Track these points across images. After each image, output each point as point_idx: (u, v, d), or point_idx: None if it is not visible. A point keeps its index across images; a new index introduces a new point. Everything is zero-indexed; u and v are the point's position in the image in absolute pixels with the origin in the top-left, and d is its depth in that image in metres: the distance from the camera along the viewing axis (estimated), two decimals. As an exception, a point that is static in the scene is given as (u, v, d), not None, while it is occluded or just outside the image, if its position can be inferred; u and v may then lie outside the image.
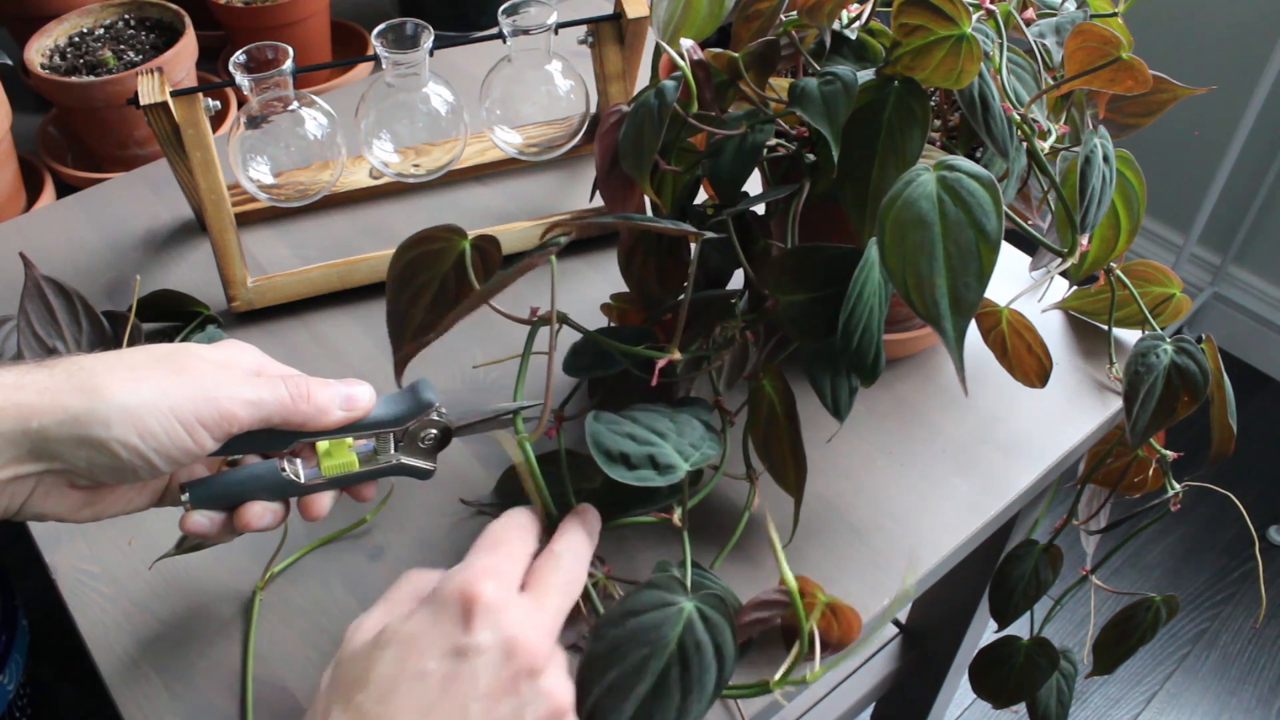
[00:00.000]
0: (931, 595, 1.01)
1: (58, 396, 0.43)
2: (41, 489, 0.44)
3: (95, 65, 1.01)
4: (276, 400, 0.47)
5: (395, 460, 0.52)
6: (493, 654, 0.40)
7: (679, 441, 0.52)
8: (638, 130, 0.57)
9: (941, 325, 0.47)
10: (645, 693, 0.45)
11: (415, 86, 0.76)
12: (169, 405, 0.44)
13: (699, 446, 0.52)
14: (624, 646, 0.45)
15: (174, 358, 0.46)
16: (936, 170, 0.48)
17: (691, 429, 0.53)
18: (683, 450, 0.51)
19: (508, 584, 0.43)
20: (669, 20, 0.62)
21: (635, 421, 0.52)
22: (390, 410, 0.52)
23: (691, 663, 0.45)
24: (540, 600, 0.44)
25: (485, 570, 0.43)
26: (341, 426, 0.50)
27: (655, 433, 0.52)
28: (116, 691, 0.56)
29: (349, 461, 0.51)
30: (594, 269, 0.80)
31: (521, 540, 0.46)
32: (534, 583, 0.44)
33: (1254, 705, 1.46)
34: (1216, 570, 1.61)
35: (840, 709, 1.05)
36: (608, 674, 0.45)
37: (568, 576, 0.45)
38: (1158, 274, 0.70)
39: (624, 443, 0.50)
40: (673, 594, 0.47)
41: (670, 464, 0.50)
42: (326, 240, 0.83)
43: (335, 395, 0.49)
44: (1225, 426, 0.66)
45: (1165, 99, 0.65)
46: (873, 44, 0.59)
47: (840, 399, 0.55)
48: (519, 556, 0.45)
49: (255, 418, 0.46)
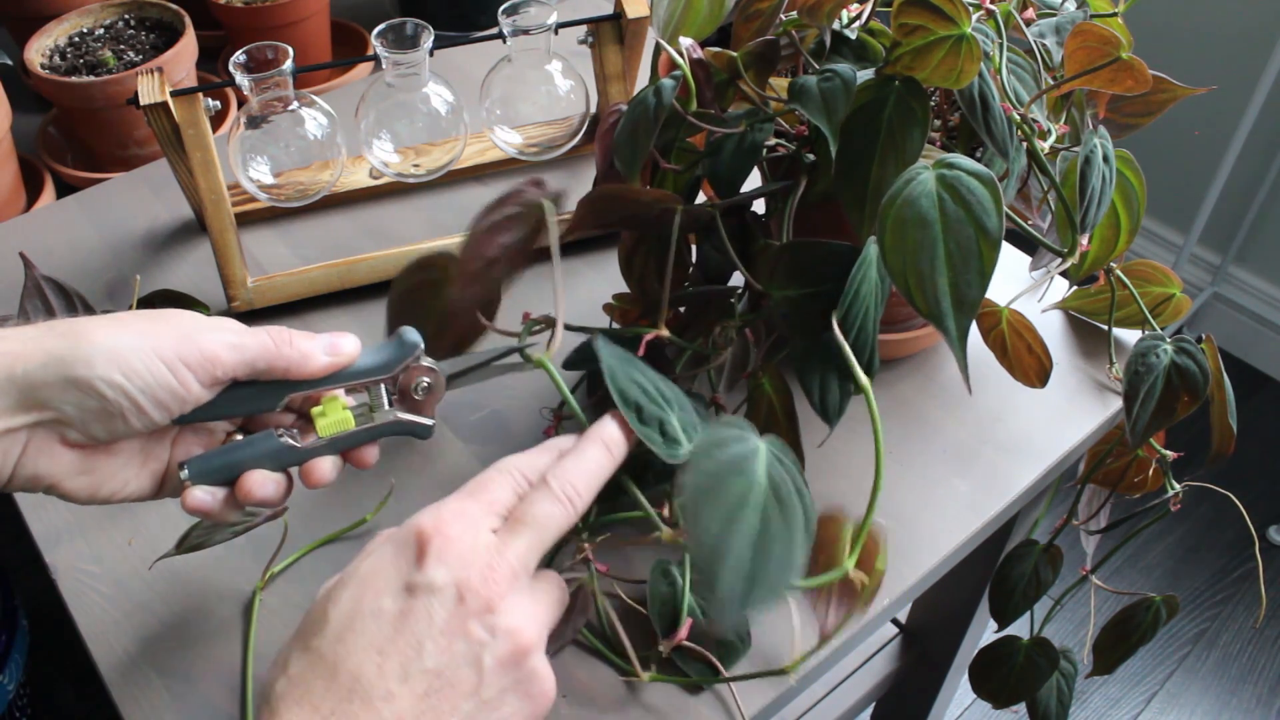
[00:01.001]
0: (931, 595, 1.01)
1: (41, 342, 0.43)
2: (34, 445, 0.44)
3: (95, 65, 1.01)
4: (259, 345, 0.47)
5: (392, 416, 0.51)
6: (446, 593, 0.40)
7: (682, 417, 0.51)
8: (632, 127, 0.57)
9: (944, 324, 0.47)
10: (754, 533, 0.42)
11: (415, 86, 0.76)
12: (152, 346, 0.44)
13: (697, 429, 0.51)
14: (722, 474, 0.43)
15: (158, 312, 0.47)
16: (936, 169, 0.48)
17: (687, 410, 0.52)
18: (685, 428, 0.50)
19: (470, 524, 0.42)
20: (669, 20, 0.62)
21: (645, 375, 0.51)
22: (377, 359, 0.50)
23: (781, 495, 0.44)
24: (507, 539, 0.42)
25: (450, 511, 0.42)
26: (329, 375, 0.49)
27: (663, 396, 0.51)
28: (116, 691, 0.56)
29: (344, 419, 0.49)
30: (594, 269, 0.80)
31: (504, 485, 0.45)
32: (514, 516, 0.43)
33: (1254, 705, 1.46)
34: (1216, 570, 1.61)
35: (840, 709, 1.05)
36: (712, 508, 0.42)
37: (548, 510, 0.44)
38: (1158, 274, 0.70)
39: (637, 393, 0.49)
40: (743, 430, 0.46)
41: (676, 438, 0.49)
42: (326, 240, 0.83)
43: (319, 342, 0.49)
44: (1225, 426, 0.66)
45: (1165, 99, 0.65)
46: (873, 44, 0.59)
47: (829, 401, 0.55)
48: (498, 501, 0.44)
49: (238, 360, 0.46)
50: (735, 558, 0.41)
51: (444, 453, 0.67)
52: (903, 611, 1.10)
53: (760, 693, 0.55)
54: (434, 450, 0.67)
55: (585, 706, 0.55)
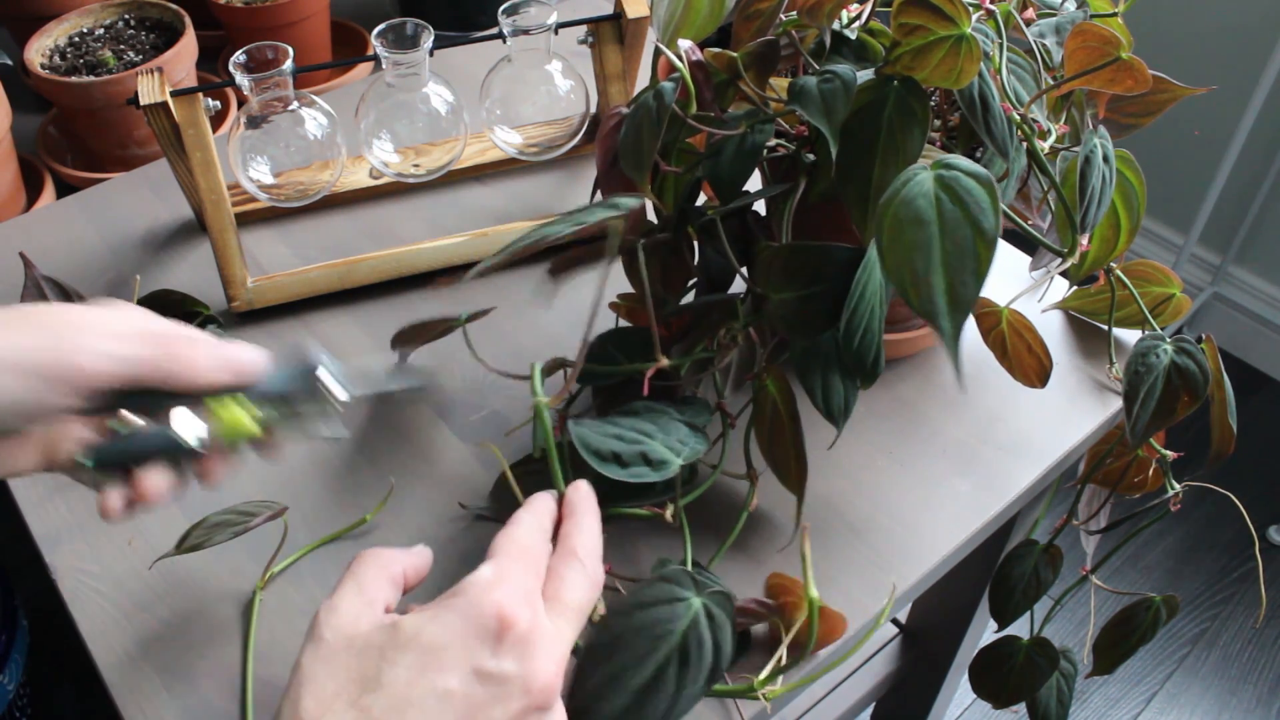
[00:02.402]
0: (931, 595, 1.01)
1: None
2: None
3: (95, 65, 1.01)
4: (139, 358, 0.44)
5: (295, 427, 0.49)
6: (515, 685, 0.39)
7: (666, 439, 0.53)
8: (636, 132, 0.57)
9: (939, 323, 0.47)
10: (641, 684, 0.45)
11: (415, 86, 0.76)
12: (13, 359, 0.42)
13: (687, 443, 0.53)
14: (628, 638, 0.46)
15: (33, 313, 0.44)
16: (934, 169, 0.48)
17: (675, 429, 0.55)
18: (672, 446, 0.52)
19: (539, 608, 0.41)
20: (669, 20, 0.62)
21: (618, 424, 0.53)
22: (279, 378, 0.49)
23: (691, 658, 0.46)
24: (561, 627, 0.42)
25: (522, 590, 0.41)
26: (229, 389, 0.47)
27: (641, 433, 0.53)
28: (116, 691, 0.56)
29: (242, 425, 0.48)
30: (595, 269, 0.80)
31: (545, 544, 0.45)
32: (556, 598, 0.43)
33: (1254, 705, 1.46)
34: (1216, 570, 1.61)
35: (840, 709, 1.05)
36: (608, 664, 0.45)
37: (588, 595, 0.44)
38: (1158, 274, 0.70)
39: (611, 443, 0.51)
40: (683, 589, 0.47)
41: (663, 459, 0.51)
42: (326, 240, 0.83)
43: (214, 356, 0.46)
44: (1225, 426, 0.66)
45: (1165, 99, 0.65)
46: (872, 44, 0.59)
47: (834, 402, 0.55)
48: (543, 566, 0.44)
49: (113, 373, 0.44)
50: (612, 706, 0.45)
51: (444, 453, 0.67)
52: (903, 611, 1.10)
53: (760, 693, 0.55)
54: (434, 450, 0.67)
55: (585, 706, 0.55)
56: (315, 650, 0.40)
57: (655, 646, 0.46)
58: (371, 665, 0.38)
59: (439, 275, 0.79)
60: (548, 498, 0.48)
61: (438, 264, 0.78)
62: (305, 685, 0.38)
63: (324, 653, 0.39)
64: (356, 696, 0.38)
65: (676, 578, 0.48)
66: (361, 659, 0.39)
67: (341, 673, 0.39)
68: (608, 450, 0.51)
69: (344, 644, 0.39)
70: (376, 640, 0.39)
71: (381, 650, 0.39)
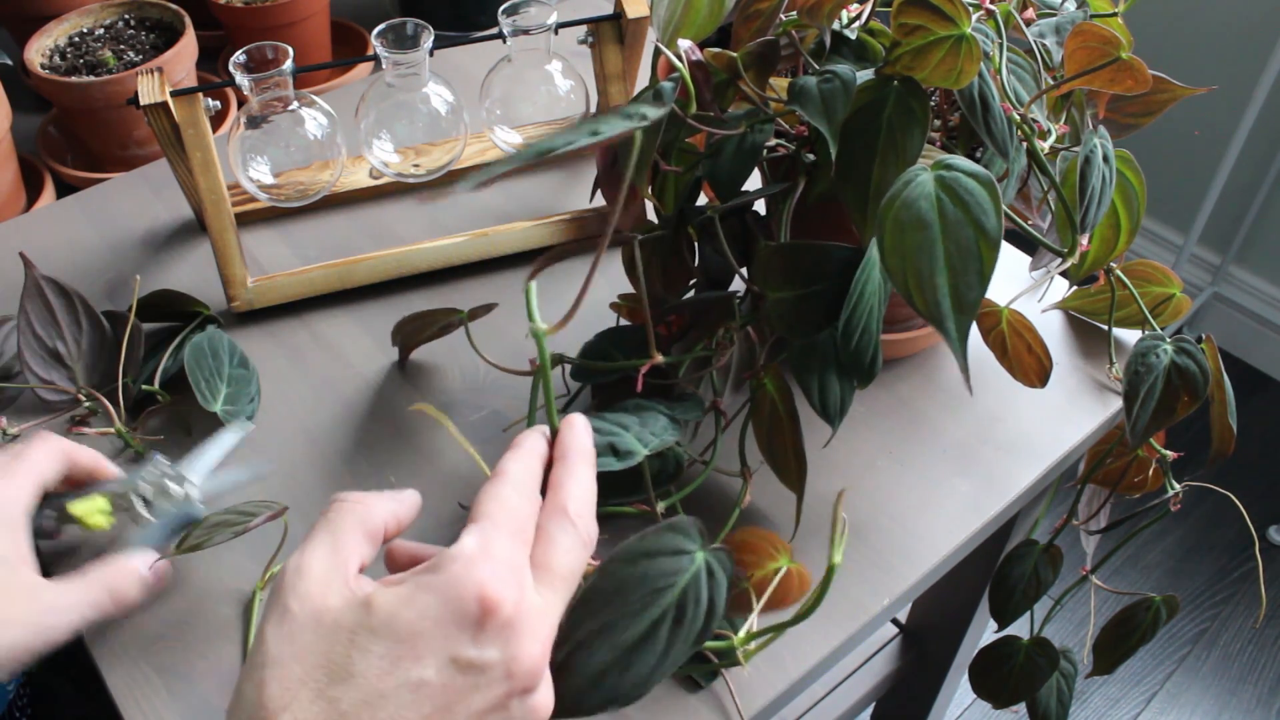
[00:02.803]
0: (931, 595, 1.01)
1: None
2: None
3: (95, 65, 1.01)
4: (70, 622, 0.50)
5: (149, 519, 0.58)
6: (497, 671, 0.36)
7: (640, 431, 0.53)
8: (637, 131, 0.57)
9: (944, 325, 0.47)
10: (631, 641, 0.42)
11: (415, 86, 0.76)
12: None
13: (659, 435, 0.53)
14: (628, 588, 0.43)
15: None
16: (934, 170, 0.48)
17: (654, 421, 0.55)
18: (643, 438, 0.53)
19: (526, 584, 0.38)
20: (669, 20, 0.62)
21: (602, 419, 0.54)
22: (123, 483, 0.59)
23: (686, 616, 0.43)
24: (549, 599, 0.39)
25: (508, 566, 0.38)
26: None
27: (619, 425, 0.53)
28: (116, 691, 0.56)
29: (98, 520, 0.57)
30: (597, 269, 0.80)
31: (534, 499, 0.41)
32: (546, 566, 0.39)
33: (1254, 705, 1.46)
34: (1216, 570, 1.61)
35: (840, 709, 1.05)
36: (601, 614, 0.43)
37: (579, 559, 0.40)
38: (1158, 274, 0.70)
39: None
40: (690, 541, 0.45)
41: (629, 450, 0.51)
42: (326, 240, 0.83)
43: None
44: (1225, 426, 0.66)
45: (1165, 99, 0.65)
46: (872, 44, 0.59)
47: (830, 401, 0.56)
48: (531, 527, 0.40)
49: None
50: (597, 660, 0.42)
51: (444, 452, 0.67)
52: (903, 611, 1.10)
53: (760, 692, 0.55)
54: (434, 450, 0.67)
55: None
56: (280, 625, 0.36)
57: (653, 600, 0.43)
58: (341, 651, 0.35)
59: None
60: (538, 438, 0.43)
61: (438, 264, 0.78)
62: (270, 668, 0.36)
63: (290, 629, 0.36)
64: (324, 686, 0.35)
65: (684, 528, 0.45)
66: (330, 642, 0.36)
67: (308, 656, 0.36)
68: None
69: (311, 620, 0.36)
70: (347, 621, 0.36)
71: (352, 634, 0.36)
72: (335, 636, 0.36)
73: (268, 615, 0.37)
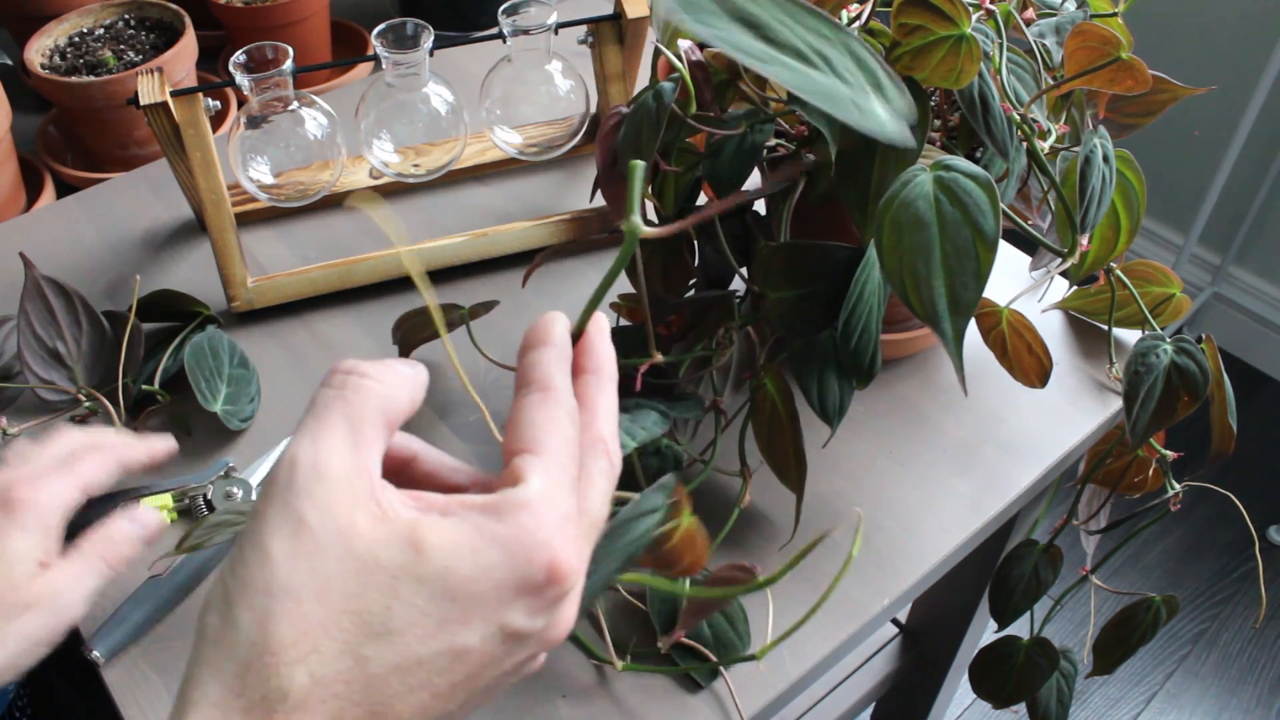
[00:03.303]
0: (931, 595, 1.01)
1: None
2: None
3: (95, 65, 1.01)
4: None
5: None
6: (535, 639, 0.31)
7: (631, 426, 0.54)
8: (636, 132, 0.57)
9: (940, 326, 0.47)
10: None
11: (415, 86, 0.76)
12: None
13: (648, 429, 0.54)
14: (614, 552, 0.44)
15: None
16: (933, 170, 0.48)
17: (645, 416, 0.55)
18: (631, 431, 0.53)
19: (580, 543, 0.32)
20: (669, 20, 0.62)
21: None
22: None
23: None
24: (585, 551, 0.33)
25: (572, 523, 0.31)
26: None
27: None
28: (116, 691, 0.56)
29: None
30: (595, 269, 0.80)
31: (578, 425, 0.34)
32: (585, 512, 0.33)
33: (1254, 705, 1.46)
34: (1216, 570, 1.61)
35: (840, 709, 1.05)
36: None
37: (610, 497, 0.34)
38: (1158, 274, 0.70)
39: None
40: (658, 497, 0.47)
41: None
42: (326, 240, 0.83)
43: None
44: (1225, 426, 0.66)
45: (1165, 99, 0.65)
46: (873, 44, 0.59)
47: (829, 401, 0.56)
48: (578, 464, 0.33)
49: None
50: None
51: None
52: (903, 611, 1.10)
53: (759, 692, 0.55)
54: (434, 450, 0.67)
55: (583, 705, 0.55)
56: (296, 541, 0.28)
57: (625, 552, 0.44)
58: (379, 599, 0.28)
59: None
60: (566, 334, 0.36)
61: (438, 264, 0.78)
62: (280, 599, 0.28)
63: (308, 550, 0.28)
64: (354, 640, 0.28)
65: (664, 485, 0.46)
66: (365, 583, 0.28)
67: (336, 596, 0.28)
68: None
69: (339, 547, 0.28)
70: (389, 561, 0.29)
71: (395, 580, 0.28)
72: (372, 578, 0.28)
73: (271, 521, 0.29)
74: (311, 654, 0.28)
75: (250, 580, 0.28)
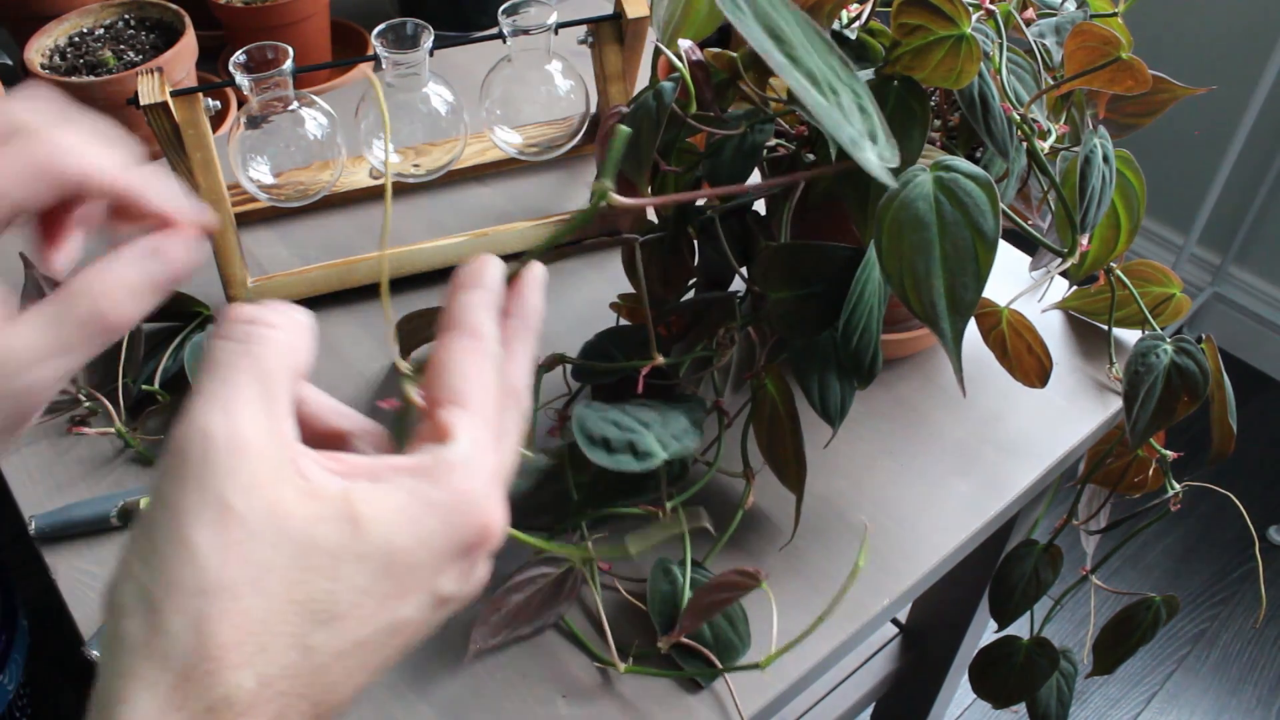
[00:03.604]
0: (931, 595, 1.01)
1: None
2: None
3: (95, 65, 1.01)
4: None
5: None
6: (459, 600, 0.30)
7: (661, 432, 0.52)
8: (635, 132, 0.57)
9: (939, 326, 0.47)
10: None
11: (415, 86, 0.76)
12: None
13: (680, 438, 0.53)
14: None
15: None
16: (933, 171, 0.48)
17: (675, 421, 0.54)
18: (663, 440, 0.52)
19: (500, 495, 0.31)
20: (669, 20, 0.62)
21: (624, 411, 0.53)
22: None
23: None
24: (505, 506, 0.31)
25: (499, 479, 0.30)
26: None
27: (640, 422, 0.53)
28: (116, 691, 0.56)
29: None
30: (595, 269, 0.80)
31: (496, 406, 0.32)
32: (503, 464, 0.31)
33: (1254, 705, 1.46)
34: (1216, 570, 1.61)
35: (840, 709, 1.05)
36: None
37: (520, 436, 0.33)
38: (1158, 274, 0.70)
39: (607, 428, 0.51)
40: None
41: (649, 451, 0.50)
42: (326, 240, 0.83)
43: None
44: (1225, 426, 0.66)
45: (1165, 99, 0.65)
46: (873, 44, 0.59)
47: (830, 401, 0.56)
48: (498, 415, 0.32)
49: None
50: None
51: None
52: (903, 611, 1.10)
53: (759, 692, 0.55)
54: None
55: (584, 705, 0.55)
56: (221, 530, 0.25)
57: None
58: (321, 583, 0.26)
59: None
60: (500, 279, 0.34)
61: (438, 264, 0.78)
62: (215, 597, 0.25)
63: (237, 539, 0.25)
64: (303, 631, 0.26)
65: None
66: (306, 567, 0.26)
67: (277, 587, 0.25)
68: (599, 435, 0.50)
69: (271, 531, 0.25)
70: (325, 539, 0.26)
71: (335, 561, 0.26)
72: (311, 560, 0.26)
73: (190, 510, 0.25)
74: (258, 654, 0.25)
75: (176, 579, 0.25)
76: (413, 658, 0.57)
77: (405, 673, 0.56)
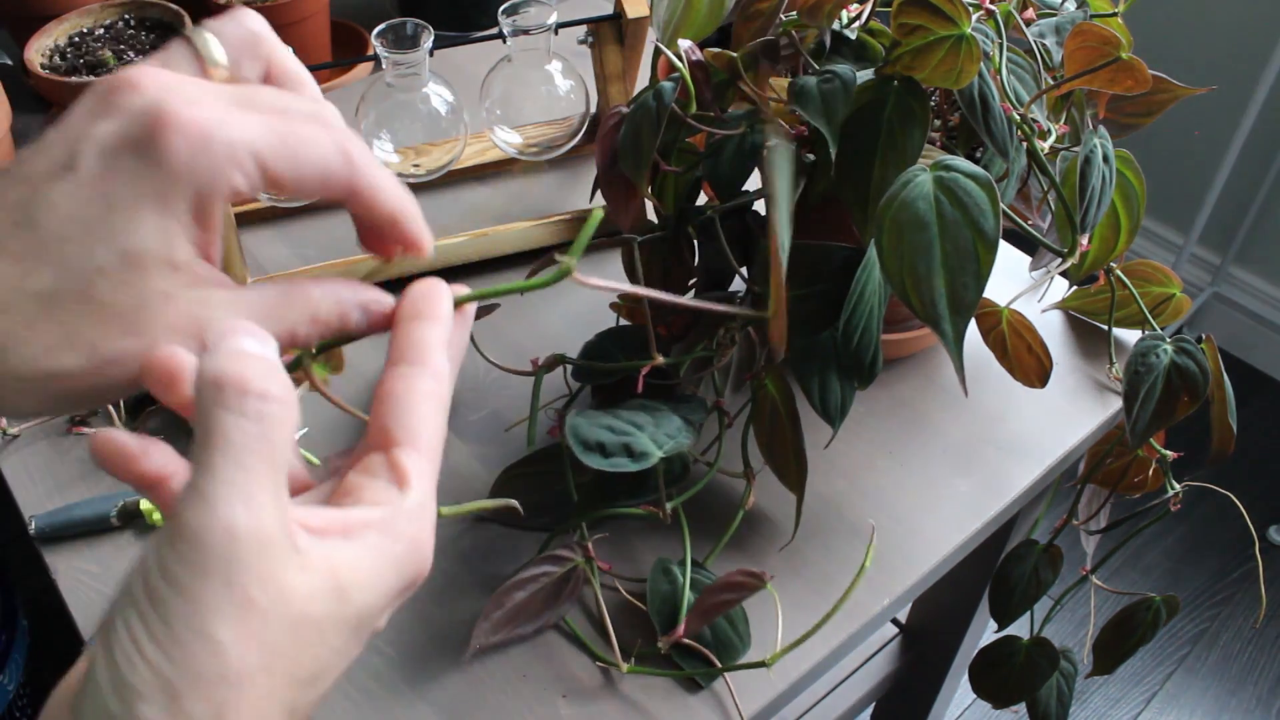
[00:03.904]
0: (931, 595, 1.01)
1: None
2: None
3: (95, 65, 1.01)
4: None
5: None
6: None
7: (655, 432, 0.53)
8: (635, 132, 0.57)
9: (940, 326, 0.47)
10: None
11: (415, 86, 0.76)
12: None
13: (674, 436, 0.53)
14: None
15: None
16: (933, 171, 0.48)
17: (669, 421, 0.55)
18: (658, 439, 0.53)
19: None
20: (669, 20, 0.62)
21: (616, 416, 0.54)
22: None
23: None
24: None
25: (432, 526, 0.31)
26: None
27: (634, 425, 0.53)
28: (116, 691, 0.56)
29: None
30: (594, 270, 0.80)
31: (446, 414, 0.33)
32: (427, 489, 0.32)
33: (1254, 705, 1.46)
34: (1216, 570, 1.61)
35: (840, 709, 1.05)
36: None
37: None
38: (1158, 274, 0.70)
39: (601, 433, 0.52)
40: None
41: (644, 451, 0.51)
42: (326, 240, 0.83)
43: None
44: (1225, 426, 0.66)
45: (1165, 99, 0.65)
46: (872, 44, 0.59)
47: (830, 401, 0.56)
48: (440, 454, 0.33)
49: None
50: None
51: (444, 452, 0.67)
52: (903, 611, 1.10)
53: (759, 691, 0.55)
54: (434, 450, 0.67)
55: (584, 705, 0.55)
56: (243, 623, 0.26)
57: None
58: (309, 651, 0.28)
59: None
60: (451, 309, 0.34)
61: (437, 264, 0.78)
62: (236, 688, 0.26)
63: (255, 628, 0.26)
64: (292, 698, 0.27)
65: None
66: (301, 644, 0.27)
67: (279, 663, 0.27)
68: (594, 440, 0.51)
69: (280, 614, 0.27)
70: (316, 612, 0.27)
71: (322, 631, 0.28)
72: (304, 634, 0.27)
73: (213, 605, 0.26)
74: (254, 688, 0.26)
75: (200, 670, 0.26)
76: (413, 657, 0.57)
77: (405, 672, 0.56)
